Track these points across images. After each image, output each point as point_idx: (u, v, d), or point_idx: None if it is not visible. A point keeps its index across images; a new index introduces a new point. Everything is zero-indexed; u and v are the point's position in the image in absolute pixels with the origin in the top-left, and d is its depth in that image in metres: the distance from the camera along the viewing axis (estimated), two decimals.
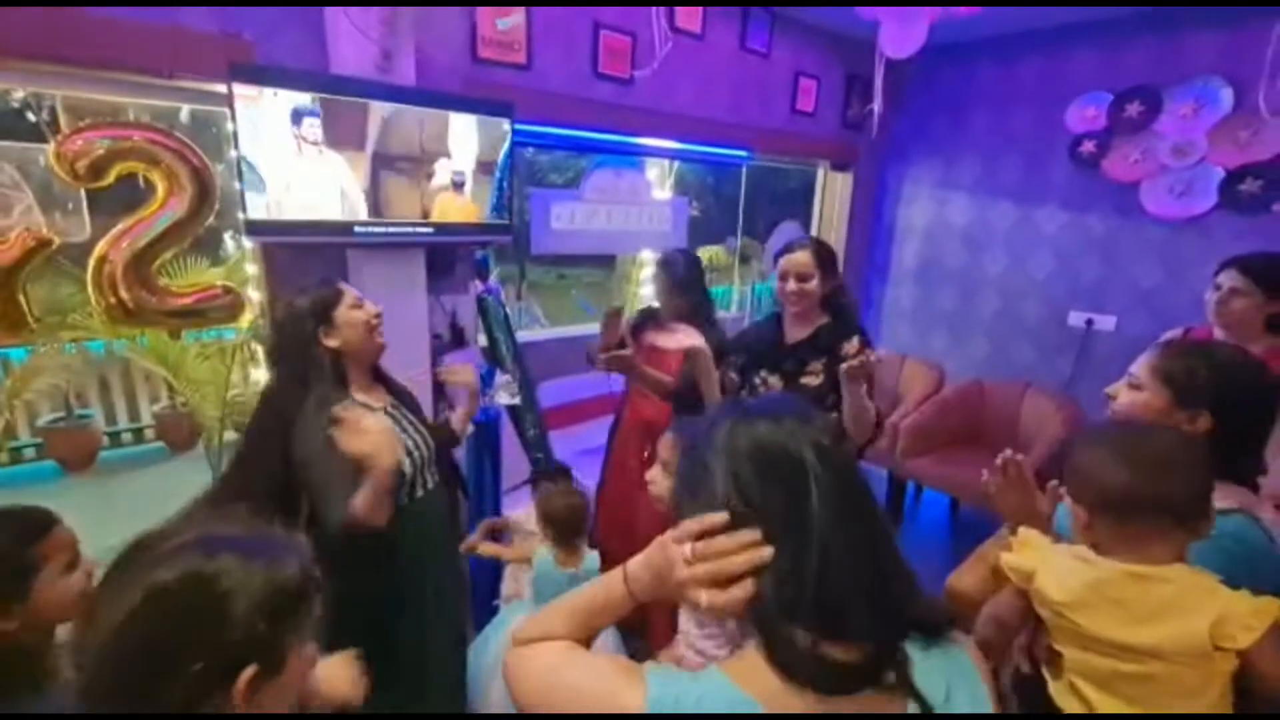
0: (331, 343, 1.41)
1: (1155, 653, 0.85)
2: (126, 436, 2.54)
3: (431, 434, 1.63)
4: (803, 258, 1.76)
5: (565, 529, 1.80)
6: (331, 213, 1.97)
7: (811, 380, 1.76)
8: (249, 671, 0.62)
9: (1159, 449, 0.90)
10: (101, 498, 2.53)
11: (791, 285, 1.77)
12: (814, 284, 1.76)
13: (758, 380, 1.83)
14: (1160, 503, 0.87)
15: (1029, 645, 1.06)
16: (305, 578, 0.70)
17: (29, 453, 2.39)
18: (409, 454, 1.49)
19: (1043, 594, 0.95)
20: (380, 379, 1.58)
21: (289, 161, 1.86)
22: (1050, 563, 0.96)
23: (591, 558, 1.83)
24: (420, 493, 1.56)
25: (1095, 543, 0.94)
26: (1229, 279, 1.80)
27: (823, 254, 1.79)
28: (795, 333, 1.82)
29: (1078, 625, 0.91)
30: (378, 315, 1.48)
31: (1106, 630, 0.89)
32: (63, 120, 1.89)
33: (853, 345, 1.61)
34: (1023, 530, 1.05)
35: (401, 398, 1.60)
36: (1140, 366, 1.12)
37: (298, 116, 1.85)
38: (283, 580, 0.67)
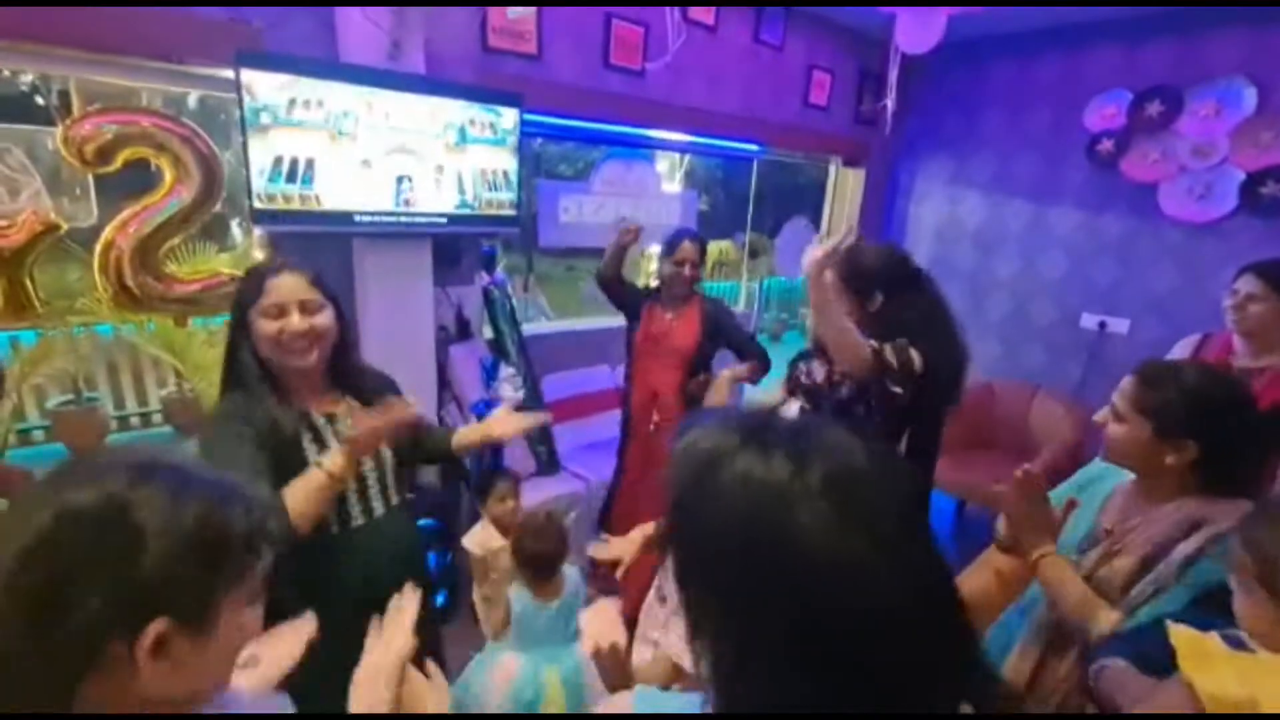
0: (252, 342, 1.15)
1: None
2: (135, 420, 2.56)
3: (423, 446, 1.46)
4: None
5: (541, 570, 1.65)
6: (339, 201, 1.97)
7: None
8: (159, 624, 0.51)
9: None
10: None
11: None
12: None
13: (803, 366, 1.73)
14: None
15: None
16: (252, 528, 0.58)
17: (38, 435, 2.40)
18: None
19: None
20: (346, 379, 1.28)
21: None
22: (1259, 680, 0.76)
23: (571, 576, 1.70)
24: (362, 520, 1.26)
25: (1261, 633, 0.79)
26: (1247, 284, 1.77)
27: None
28: None
29: None
30: (300, 334, 1.15)
31: None
32: (75, 103, 1.89)
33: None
34: (1181, 635, 0.82)
35: (371, 401, 1.29)
36: (1120, 397, 1.11)
37: None
38: (219, 524, 0.55)
